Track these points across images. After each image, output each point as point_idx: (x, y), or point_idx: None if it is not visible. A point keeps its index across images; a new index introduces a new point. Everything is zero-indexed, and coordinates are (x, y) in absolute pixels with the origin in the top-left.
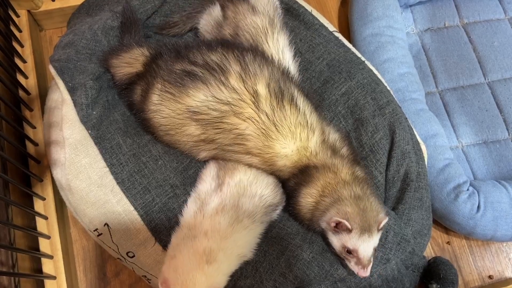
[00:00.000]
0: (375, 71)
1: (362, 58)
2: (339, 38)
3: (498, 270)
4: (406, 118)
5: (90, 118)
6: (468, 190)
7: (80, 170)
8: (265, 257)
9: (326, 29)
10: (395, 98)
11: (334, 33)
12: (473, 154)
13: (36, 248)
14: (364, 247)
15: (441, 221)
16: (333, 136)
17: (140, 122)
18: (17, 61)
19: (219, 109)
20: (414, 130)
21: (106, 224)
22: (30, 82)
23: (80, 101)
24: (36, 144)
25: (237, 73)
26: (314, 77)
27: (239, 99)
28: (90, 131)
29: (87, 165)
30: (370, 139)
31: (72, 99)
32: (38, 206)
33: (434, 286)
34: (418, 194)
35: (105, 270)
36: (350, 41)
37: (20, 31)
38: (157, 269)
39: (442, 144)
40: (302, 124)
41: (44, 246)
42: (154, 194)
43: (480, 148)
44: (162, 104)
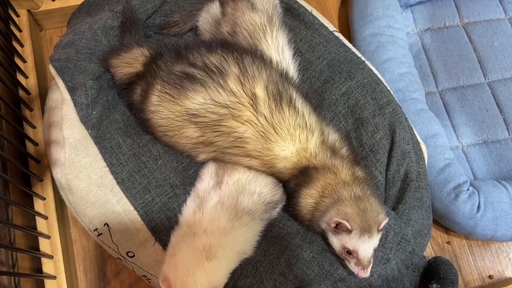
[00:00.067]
0: (375, 71)
1: (362, 58)
2: (339, 38)
3: (498, 270)
4: (406, 118)
5: (90, 118)
6: (468, 190)
7: (80, 170)
8: (265, 256)
9: (326, 28)
10: (395, 98)
11: (334, 33)
12: (473, 154)
13: (36, 248)
14: (364, 248)
15: (441, 221)
16: (332, 136)
17: (139, 122)
18: (17, 60)
19: (218, 112)
20: (414, 130)
21: (106, 224)
22: (30, 82)
23: (80, 100)
24: (36, 144)
25: (235, 75)
26: (314, 76)
27: (238, 102)
28: (90, 131)
29: (87, 165)
30: (370, 139)
31: (72, 99)
32: (38, 206)
33: (434, 286)
34: (418, 194)
35: (105, 270)
36: (350, 41)
37: (20, 31)
38: (157, 268)
39: (442, 144)
40: (301, 125)
41: (44, 246)
42: (154, 194)
43: (480, 148)
44: (161, 105)
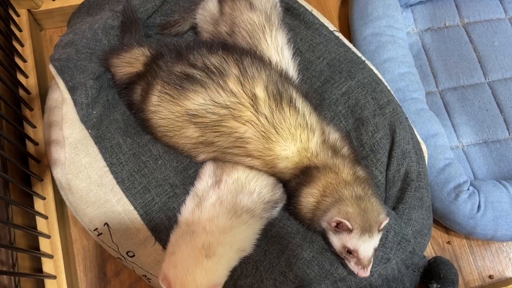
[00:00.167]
0: (376, 71)
1: (363, 58)
2: (340, 37)
3: (499, 270)
4: (407, 118)
5: (90, 118)
6: (468, 189)
7: (80, 169)
8: (265, 256)
9: (327, 28)
10: (396, 98)
11: (334, 32)
12: (473, 154)
13: (36, 247)
14: (364, 248)
15: (441, 220)
16: (333, 136)
17: (139, 122)
18: (17, 60)
19: (218, 112)
20: (415, 130)
21: (106, 223)
22: (30, 82)
23: (80, 100)
24: (36, 143)
25: (235, 76)
26: (314, 76)
27: (238, 103)
28: (90, 131)
29: (87, 164)
30: (371, 139)
31: (72, 99)
32: (38, 205)
33: (435, 285)
34: (419, 193)
35: (105, 270)
36: (350, 40)
37: (20, 31)
38: (157, 268)
39: (443, 143)
40: (302, 125)
41: (44, 245)
42: (154, 194)
43: (480, 147)
44: (161, 105)
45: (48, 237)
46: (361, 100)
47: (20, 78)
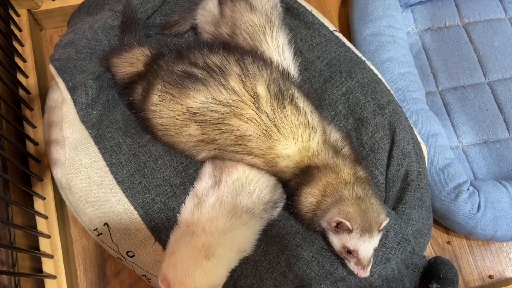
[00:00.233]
0: (376, 71)
1: (363, 58)
2: (340, 37)
3: (499, 270)
4: (407, 118)
5: (90, 118)
6: (468, 190)
7: (80, 169)
8: (265, 256)
9: (327, 28)
10: (396, 98)
11: (334, 32)
12: (473, 154)
13: (36, 247)
14: (364, 248)
15: (441, 220)
16: (334, 136)
17: (139, 121)
18: (17, 60)
19: (219, 110)
20: (415, 130)
21: (106, 223)
22: (30, 82)
23: (80, 100)
24: (36, 143)
25: (237, 75)
26: (314, 76)
27: (239, 101)
28: (90, 131)
29: (87, 164)
30: (371, 139)
31: (72, 99)
32: (38, 205)
33: (435, 286)
34: (419, 193)
35: (105, 270)
36: (350, 40)
37: (20, 30)
38: (157, 268)
39: (443, 143)
40: (303, 124)
41: (44, 245)
42: (153, 194)
43: (480, 148)
44: (162, 104)
45: (48, 237)
46: (361, 100)
47: (20, 78)
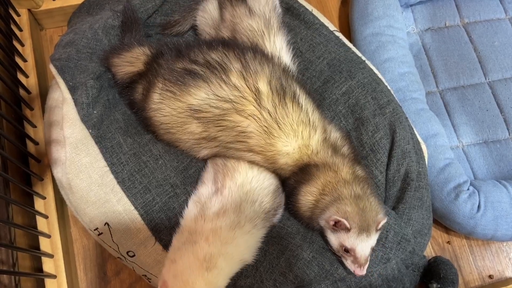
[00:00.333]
0: (376, 71)
1: (363, 58)
2: (340, 37)
3: (498, 269)
4: (407, 118)
5: (91, 117)
6: (468, 189)
7: (80, 169)
8: (265, 256)
9: (327, 28)
10: (396, 98)
11: (334, 32)
12: (473, 154)
13: (36, 247)
14: (361, 247)
15: (441, 220)
16: (334, 134)
17: (140, 120)
18: (17, 60)
19: (221, 106)
20: (415, 130)
21: (106, 223)
22: (31, 81)
23: (80, 100)
24: (36, 143)
25: (238, 71)
26: (314, 76)
27: (241, 97)
28: (90, 130)
29: (88, 164)
30: (371, 139)
31: (72, 98)
32: (39, 205)
33: (435, 285)
34: (419, 193)
35: (105, 269)
36: (350, 40)
37: (20, 30)
38: (157, 268)
39: (443, 143)
40: (304, 122)
41: (44, 245)
42: (154, 194)
43: (480, 147)
44: (162, 102)
45: (48, 236)
46: (361, 100)
47: (20, 77)
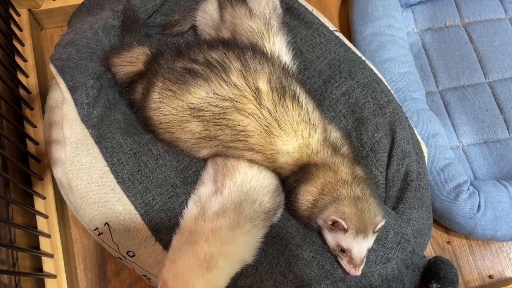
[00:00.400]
0: (376, 71)
1: (363, 58)
2: (340, 37)
3: (498, 269)
4: (407, 118)
5: (91, 117)
6: (468, 189)
7: (80, 169)
8: (265, 256)
9: (327, 28)
10: (396, 98)
11: (334, 32)
12: (473, 154)
13: (36, 247)
14: (358, 248)
15: (441, 220)
16: (334, 134)
17: (140, 120)
18: (17, 60)
19: (221, 105)
20: (415, 130)
21: (106, 223)
22: (31, 81)
23: (80, 100)
24: (36, 143)
25: (238, 70)
26: (314, 76)
27: (241, 95)
28: (90, 130)
29: (88, 164)
30: (371, 139)
31: (72, 98)
32: (39, 205)
33: (435, 285)
34: (419, 193)
35: (105, 269)
36: (350, 40)
37: (20, 30)
38: (157, 268)
39: (443, 143)
40: (304, 121)
41: (44, 245)
42: (154, 194)
43: (480, 147)
44: (162, 101)
45: (48, 236)
46: (361, 100)
47: (20, 77)
